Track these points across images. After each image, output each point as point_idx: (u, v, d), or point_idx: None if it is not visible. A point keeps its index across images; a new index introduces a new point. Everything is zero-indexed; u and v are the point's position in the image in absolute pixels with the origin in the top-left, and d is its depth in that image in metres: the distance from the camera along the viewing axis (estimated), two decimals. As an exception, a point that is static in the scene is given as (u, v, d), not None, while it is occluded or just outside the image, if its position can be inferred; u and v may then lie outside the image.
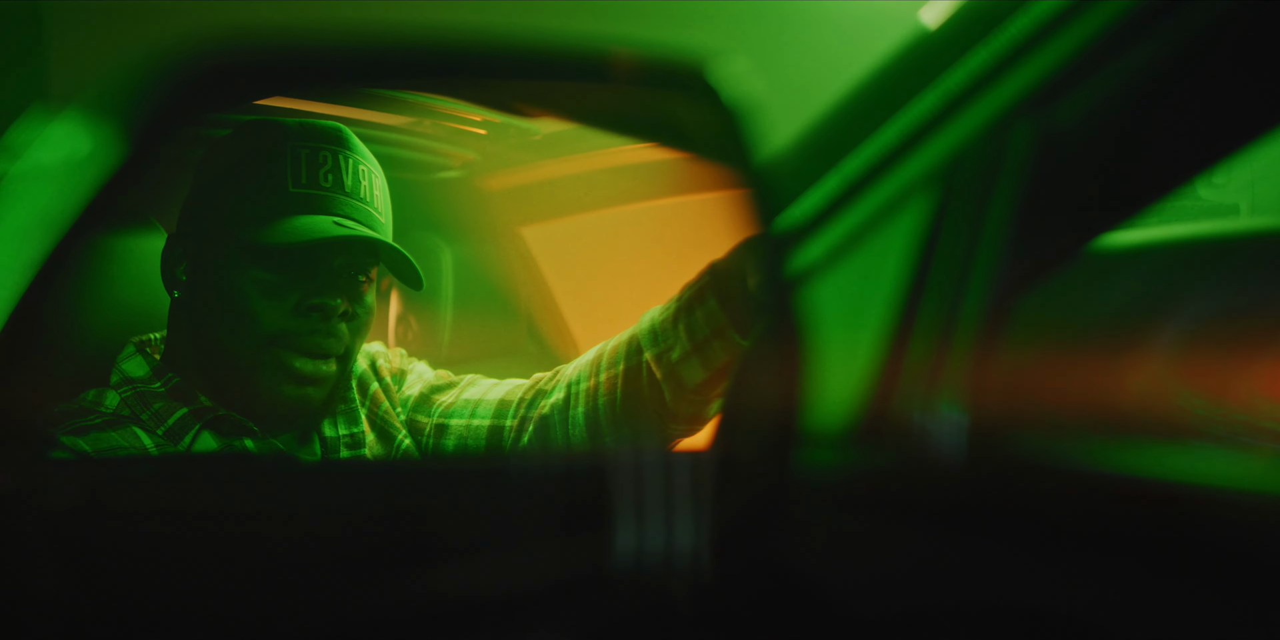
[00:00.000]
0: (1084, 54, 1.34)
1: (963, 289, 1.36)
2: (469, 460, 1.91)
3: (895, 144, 1.44)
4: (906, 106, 1.44)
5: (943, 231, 1.40)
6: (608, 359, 1.90)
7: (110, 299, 2.03)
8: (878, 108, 1.47)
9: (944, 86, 1.42)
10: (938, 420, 1.33)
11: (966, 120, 1.40)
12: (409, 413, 2.09)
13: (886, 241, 1.43)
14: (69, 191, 1.18)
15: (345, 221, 1.83)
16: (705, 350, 1.76)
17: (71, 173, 1.20)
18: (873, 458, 1.37)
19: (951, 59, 1.43)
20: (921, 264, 1.40)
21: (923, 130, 1.43)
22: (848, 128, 1.49)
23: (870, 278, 1.43)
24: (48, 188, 1.23)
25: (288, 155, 1.83)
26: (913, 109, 1.43)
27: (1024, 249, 1.34)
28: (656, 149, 2.49)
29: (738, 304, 1.71)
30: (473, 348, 2.98)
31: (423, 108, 2.74)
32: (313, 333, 1.82)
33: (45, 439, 1.68)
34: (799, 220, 1.49)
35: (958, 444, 1.33)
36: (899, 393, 1.37)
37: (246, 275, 1.80)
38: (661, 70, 1.34)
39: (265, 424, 1.87)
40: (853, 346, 1.41)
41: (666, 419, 1.85)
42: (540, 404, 1.99)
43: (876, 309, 1.41)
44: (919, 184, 1.42)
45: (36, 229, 1.16)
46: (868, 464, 1.38)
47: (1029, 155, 1.35)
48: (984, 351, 1.34)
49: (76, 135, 1.23)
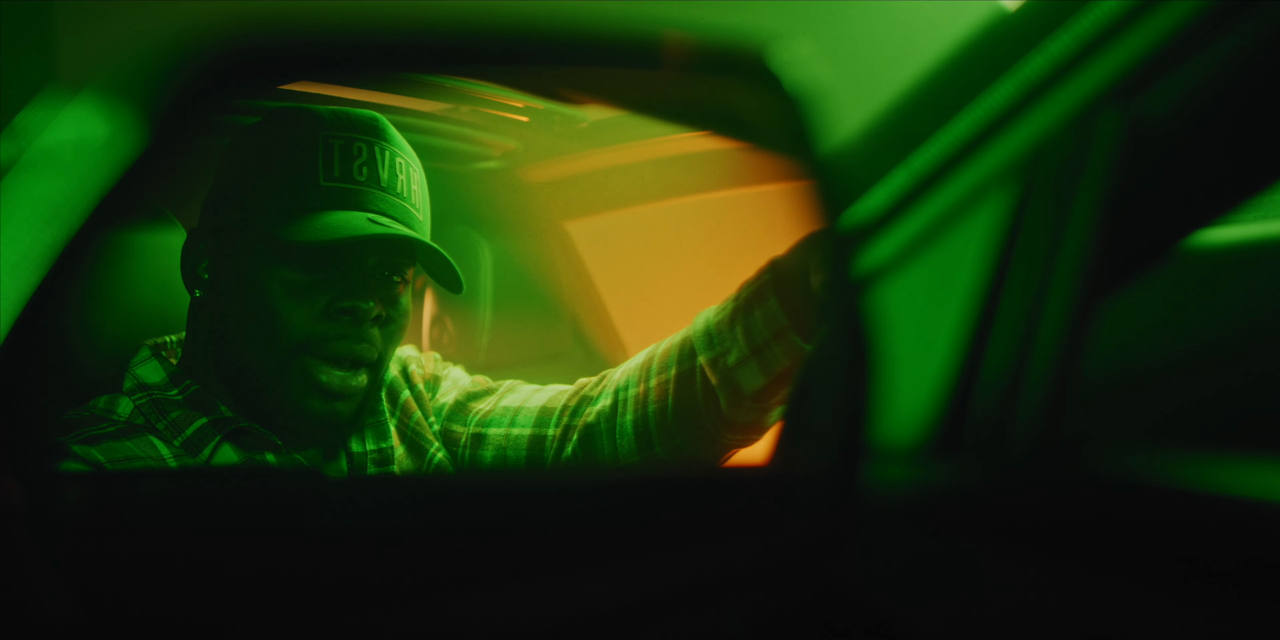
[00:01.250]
0: (1175, 37, 1.34)
1: (1044, 290, 1.35)
2: (508, 473, 1.90)
3: (971, 134, 1.44)
4: (984, 94, 1.44)
5: (1023, 228, 1.39)
6: (658, 363, 1.89)
7: (124, 298, 2.02)
8: (953, 95, 1.47)
9: (1024, 72, 1.41)
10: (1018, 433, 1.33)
11: (1048, 109, 1.40)
12: (443, 422, 2.08)
13: (962, 239, 1.42)
14: (82, 182, 1.18)
15: (380, 218, 1.82)
16: (764, 354, 1.76)
17: (85, 162, 1.20)
18: (948, 473, 1.37)
19: (1032, 43, 1.42)
20: (1000, 263, 1.40)
21: (1001, 119, 1.43)
22: (920, 116, 1.49)
23: (944, 278, 1.42)
24: (59, 178, 1.23)
25: (319, 146, 1.82)
26: (990, 96, 1.43)
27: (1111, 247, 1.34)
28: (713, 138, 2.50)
29: (800, 304, 1.71)
30: (513, 352, 2.98)
31: (461, 93, 2.74)
32: (343, 338, 1.81)
33: (54, 448, 1.69)
34: (867, 215, 1.49)
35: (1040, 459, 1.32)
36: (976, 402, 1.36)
37: (272, 275, 1.80)
38: (719, 55, 1.34)
39: (289, 438, 1.87)
40: (925, 352, 1.41)
41: (722, 428, 1.84)
42: (585, 411, 1.98)
43: (951, 311, 1.41)
44: (997, 177, 1.42)
45: (47, 221, 1.16)
46: (942, 480, 1.37)
47: (1116, 146, 1.34)
48: (1068, 358, 1.33)
49: (91, 121, 1.23)
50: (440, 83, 2.57)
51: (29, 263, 1.14)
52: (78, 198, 1.17)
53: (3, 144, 1.33)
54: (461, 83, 2.60)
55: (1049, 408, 1.32)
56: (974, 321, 1.39)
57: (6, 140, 1.34)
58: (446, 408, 2.09)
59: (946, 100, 1.47)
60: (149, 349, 1.91)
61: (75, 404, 1.86)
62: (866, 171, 1.50)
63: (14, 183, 1.28)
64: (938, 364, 1.40)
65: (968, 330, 1.39)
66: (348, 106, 1.92)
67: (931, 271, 1.44)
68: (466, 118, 2.91)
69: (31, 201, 1.22)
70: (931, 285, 1.43)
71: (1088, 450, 1.33)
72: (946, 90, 1.48)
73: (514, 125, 2.99)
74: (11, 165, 1.30)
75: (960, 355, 1.39)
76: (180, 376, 1.87)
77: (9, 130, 1.36)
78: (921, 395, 1.40)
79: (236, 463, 1.83)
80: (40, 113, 1.34)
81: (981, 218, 1.41)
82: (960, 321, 1.39)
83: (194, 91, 1.21)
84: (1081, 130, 1.37)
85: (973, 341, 1.38)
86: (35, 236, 1.15)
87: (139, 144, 1.18)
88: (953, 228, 1.43)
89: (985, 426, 1.35)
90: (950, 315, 1.40)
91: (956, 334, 1.39)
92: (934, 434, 1.39)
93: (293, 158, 1.82)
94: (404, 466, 2.01)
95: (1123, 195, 1.34)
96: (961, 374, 1.38)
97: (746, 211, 2.74)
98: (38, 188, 1.24)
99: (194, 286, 1.88)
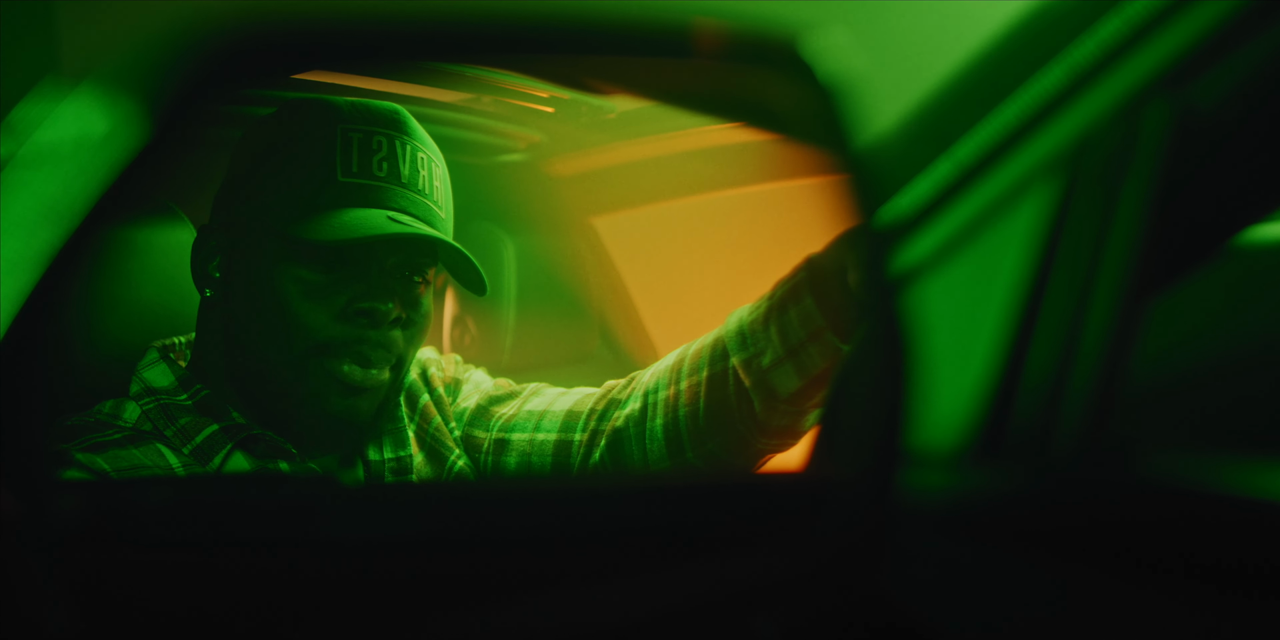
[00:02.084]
0: (1229, 23, 1.34)
1: (1090, 288, 1.35)
2: (533, 480, 1.90)
3: (1014, 125, 1.44)
4: (1027, 83, 1.44)
5: (1067, 224, 1.40)
6: (690, 365, 1.89)
7: (130, 298, 2.01)
8: (994, 84, 1.47)
9: (1070, 60, 1.42)
10: (1062, 437, 1.33)
11: (1095, 98, 1.40)
12: (464, 427, 2.08)
13: (1004, 235, 1.43)
14: (82, 177, 1.17)
15: (400, 216, 1.81)
16: (800, 355, 1.75)
17: (86, 156, 1.20)
18: (988, 479, 1.37)
19: (1079, 29, 1.42)
20: (1043, 260, 1.40)
21: (1045, 110, 1.43)
22: (961, 107, 1.49)
23: (985, 276, 1.42)
24: (58, 173, 1.22)
25: (337, 139, 1.82)
26: (1034, 86, 1.43)
27: (1159, 243, 1.34)
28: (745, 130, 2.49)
29: (837, 303, 1.70)
30: (538, 353, 2.98)
31: (483, 83, 2.74)
32: (361, 341, 1.80)
33: (56, 456, 1.70)
34: (905, 211, 1.49)
35: (1085, 464, 1.32)
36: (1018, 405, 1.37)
37: (287, 274, 1.79)
38: (751, 44, 1.35)
39: (304, 445, 1.87)
40: (966, 353, 1.41)
41: (755, 433, 1.84)
42: (613, 415, 1.97)
43: (992, 311, 1.41)
44: (1041, 171, 1.42)
45: (45, 219, 1.16)
46: (982, 486, 1.38)
47: (1165, 138, 1.34)
48: (1115, 359, 1.33)
49: (91, 114, 1.23)
50: (462, 72, 2.56)
51: (28, 262, 1.13)
52: (78, 194, 1.16)
53: (0, 138, 1.32)
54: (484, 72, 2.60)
55: (1094, 410, 1.33)
56: (1016, 321, 1.39)
57: (3, 134, 1.33)
58: (468, 412, 2.09)
59: (988, 89, 1.47)
60: (157, 351, 1.90)
61: (78, 409, 1.86)
62: (904, 165, 1.50)
63: (11, 179, 1.27)
64: (978, 365, 1.40)
65: (1010, 330, 1.39)
66: (367, 97, 1.91)
67: (972, 269, 1.44)
68: (489, 108, 2.90)
69: (30, 198, 1.22)
70: (972, 283, 1.43)
71: (1135, 454, 1.33)
72: (988, 79, 1.49)
73: (539, 116, 2.98)
74: (9, 160, 1.29)
75: (1002, 356, 1.39)
76: (190, 380, 1.86)
77: (5, 124, 1.35)
78: (961, 398, 1.40)
79: (249, 472, 1.82)
80: (38, 105, 1.33)
81: (1024, 213, 1.42)
82: (1002, 321, 1.40)
83: (198, 81, 1.20)
84: (1129, 120, 1.37)
85: (1015, 342, 1.38)
86: (34, 234, 1.15)
87: (141, 137, 1.17)
88: (994, 223, 1.44)
89: (1028, 430, 1.35)
90: (991, 314, 1.41)
91: (998, 334, 1.40)
92: (974, 438, 1.39)
93: (309, 152, 1.82)
94: (423, 475, 2.00)
95: (1172, 188, 1.34)
96: (1003, 376, 1.38)
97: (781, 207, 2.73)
98: (36, 184, 1.24)
99: (204, 286, 1.87)
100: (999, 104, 1.45)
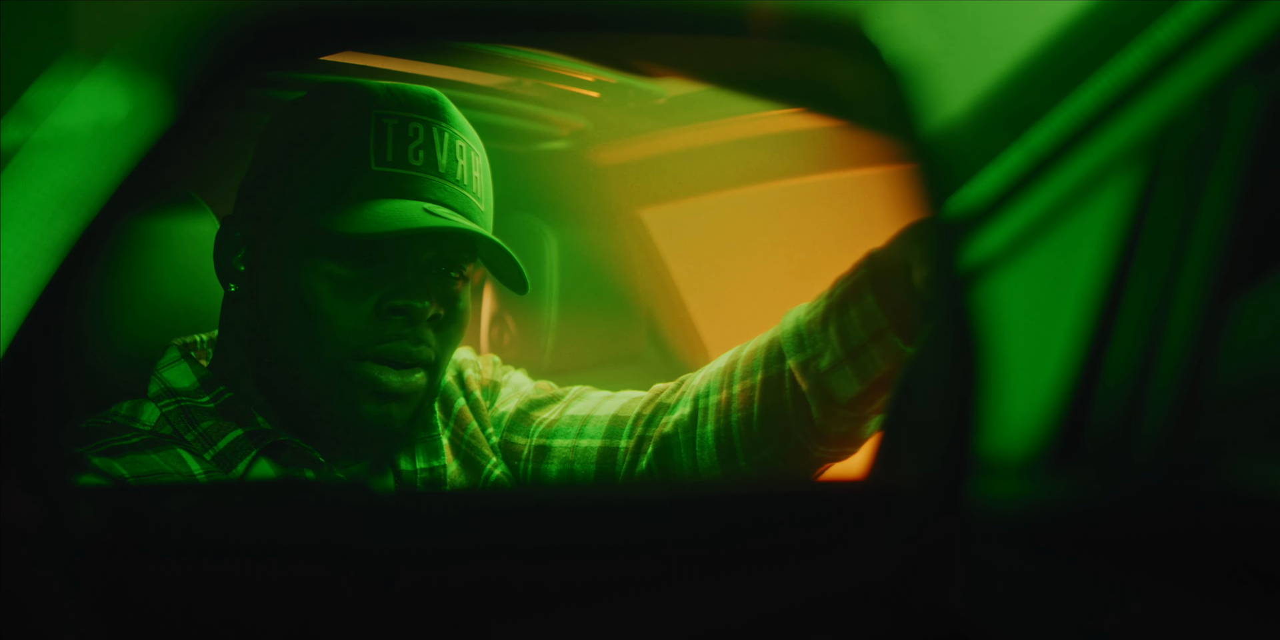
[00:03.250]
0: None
1: (1173, 284, 1.35)
2: (576, 488, 1.90)
3: (1092, 110, 1.44)
4: (1107, 64, 1.44)
5: (1149, 215, 1.40)
6: (743, 367, 1.88)
7: (149, 293, 2.01)
8: (1071, 66, 1.47)
9: (1152, 40, 1.42)
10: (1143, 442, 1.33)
11: (1179, 81, 1.40)
12: (503, 433, 2.08)
13: (1081, 227, 1.43)
14: (103, 162, 1.17)
15: (437, 209, 1.80)
16: (860, 357, 1.74)
17: (105, 140, 1.19)
18: (1064, 488, 1.37)
19: (1162, 7, 1.42)
20: (1123, 254, 1.40)
21: (1126, 93, 1.43)
22: (1035, 90, 1.49)
23: (1061, 271, 1.42)
24: (77, 158, 1.21)
25: (371, 126, 1.81)
26: (1114, 67, 1.43)
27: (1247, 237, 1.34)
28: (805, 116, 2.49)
29: (900, 302, 1.69)
30: (581, 354, 2.98)
31: (523, 65, 2.73)
32: (398, 338, 1.79)
33: (71, 460, 1.70)
34: (976, 201, 1.49)
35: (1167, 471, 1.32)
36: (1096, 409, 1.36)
37: (316, 269, 1.79)
38: (813, 22, 1.35)
39: (333, 453, 1.87)
40: (1040, 353, 1.41)
41: (813, 440, 1.83)
42: (661, 421, 1.97)
43: (1069, 308, 1.41)
44: (1121, 159, 1.42)
45: (63, 206, 1.16)
46: (1058, 495, 1.38)
47: (1254, 124, 1.34)
48: (1199, 359, 1.33)
49: (111, 95, 1.22)
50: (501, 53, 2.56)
51: (42, 253, 1.14)
52: (96, 181, 1.16)
53: (13, 122, 1.31)
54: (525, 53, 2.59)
55: (1178, 414, 1.32)
56: (1094, 319, 1.39)
57: (17, 117, 1.32)
58: (506, 417, 2.08)
59: (1064, 72, 1.47)
60: (177, 349, 1.90)
61: (94, 410, 1.85)
62: (975, 152, 1.50)
63: (26, 164, 1.26)
64: (1054, 367, 1.40)
65: (1087, 329, 1.39)
66: (401, 81, 1.90)
67: (1047, 264, 1.44)
68: (530, 93, 2.90)
69: (46, 185, 1.21)
70: (1047, 279, 1.43)
71: (1221, 461, 1.33)
72: (1065, 61, 1.48)
73: (583, 101, 2.98)
74: (23, 145, 1.28)
75: (1079, 357, 1.39)
76: (212, 381, 1.86)
77: (20, 106, 1.34)
78: (1036, 401, 1.40)
79: (274, 479, 1.81)
80: (54, 86, 1.32)
81: (1103, 204, 1.42)
82: (1079, 319, 1.40)
83: (225, 61, 1.20)
84: (1216, 105, 1.37)
85: (1093, 341, 1.38)
86: (50, 224, 1.15)
87: (164, 121, 1.17)
88: (1071, 215, 1.43)
89: (1107, 436, 1.35)
90: (1068, 312, 1.41)
91: (1075, 333, 1.40)
92: (1049, 444, 1.39)
93: (341, 139, 1.81)
94: (457, 485, 2.00)
95: (1260, 178, 1.34)
96: (1080, 378, 1.38)
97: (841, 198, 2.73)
98: (52, 170, 1.22)
99: (228, 280, 1.87)
100: (1076, 87, 1.45)
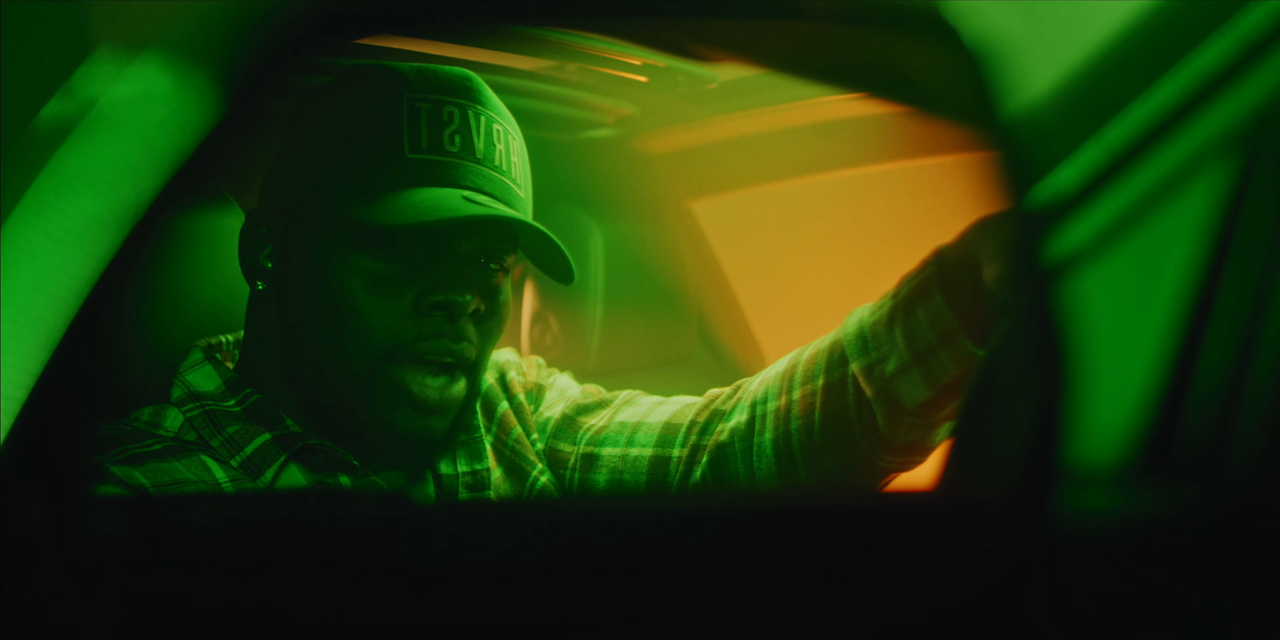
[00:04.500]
0: None
1: (1270, 283, 1.35)
2: (627, 499, 1.90)
3: (1184, 96, 1.44)
4: (1198, 48, 1.44)
5: (1243, 209, 1.39)
6: (803, 372, 1.88)
7: (170, 292, 2.02)
8: (1161, 50, 1.46)
9: (1245, 23, 1.41)
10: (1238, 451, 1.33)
11: (1275, 67, 1.40)
12: (548, 440, 2.08)
13: (1172, 221, 1.42)
14: (149, 156, 1.17)
15: (476, 196, 1.80)
16: (928, 361, 1.74)
17: (152, 132, 1.19)
18: (1155, 499, 1.37)
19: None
20: (1216, 250, 1.40)
21: (1220, 79, 1.42)
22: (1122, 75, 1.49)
23: (1151, 267, 1.42)
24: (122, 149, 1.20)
25: (404, 110, 1.81)
26: (1207, 51, 1.43)
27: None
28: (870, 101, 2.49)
29: (971, 302, 1.68)
30: (629, 355, 2.99)
31: (566, 48, 2.73)
32: (437, 336, 1.79)
33: (91, 469, 1.69)
34: (1058, 193, 1.49)
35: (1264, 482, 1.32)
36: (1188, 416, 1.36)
37: (349, 264, 1.79)
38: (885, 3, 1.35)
39: (368, 458, 1.87)
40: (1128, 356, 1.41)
41: (878, 449, 1.83)
42: (716, 428, 1.97)
43: (1158, 308, 1.41)
44: (1213, 149, 1.42)
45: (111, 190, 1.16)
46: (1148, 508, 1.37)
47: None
48: (1299, 364, 1.33)
49: (157, 86, 1.21)
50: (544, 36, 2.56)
51: (90, 260, 1.14)
52: (144, 175, 1.16)
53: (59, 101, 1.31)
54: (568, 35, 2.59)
55: (1275, 422, 1.32)
56: (1186, 319, 1.39)
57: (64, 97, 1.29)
58: (552, 423, 2.08)
59: (1153, 56, 1.47)
60: (201, 351, 1.90)
61: (114, 416, 1.86)
62: (1058, 141, 1.50)
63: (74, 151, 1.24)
64: (1143, 370, 1.40)
65: (1178, 329, 1.39)
66: (434, 64, 1.90)
67: (1136, 259, 1.44)
68: (574, 77, 2.89)
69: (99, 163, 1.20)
70: (1136, 276, 1.43)
71: (1322, 473, 1.33)
72: (1153, 44, 1.48)
73: (630, 87, 2.97)
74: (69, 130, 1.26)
75: (1170, 360, 1.39)
76: (239, 384, 1.86)
77: (65, 89, 1.31)
78: (1123, 407, 1.40)
79: (305, 487, 1.82)
80: (97, 76, 1.29)
81: (1194, 196, 1.42)
82: (1170, 319, 1.40)
83: (280, 51, 1.21)
84: (1316, 92, 1.37)
85: (1184, 343, 1.38)
86: (102, 204, 1.15)
87: (214, 113, 1.17)
88: (1161, 208, 1.43)
89: (1199, 444, 1.35)
90: (1158, 312, 1.40)
91: (1165, 334, 1.39)
92: (1138, 453, 1.39)
93: (372, 124, 1.81)
94: (501, 491, 2.00)
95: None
96: (1171, 382, 1.38)
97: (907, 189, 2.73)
98: (99, 161, 1.21)
99: (255, 278, 1.87)
100: (1167, 71, 1.44)
